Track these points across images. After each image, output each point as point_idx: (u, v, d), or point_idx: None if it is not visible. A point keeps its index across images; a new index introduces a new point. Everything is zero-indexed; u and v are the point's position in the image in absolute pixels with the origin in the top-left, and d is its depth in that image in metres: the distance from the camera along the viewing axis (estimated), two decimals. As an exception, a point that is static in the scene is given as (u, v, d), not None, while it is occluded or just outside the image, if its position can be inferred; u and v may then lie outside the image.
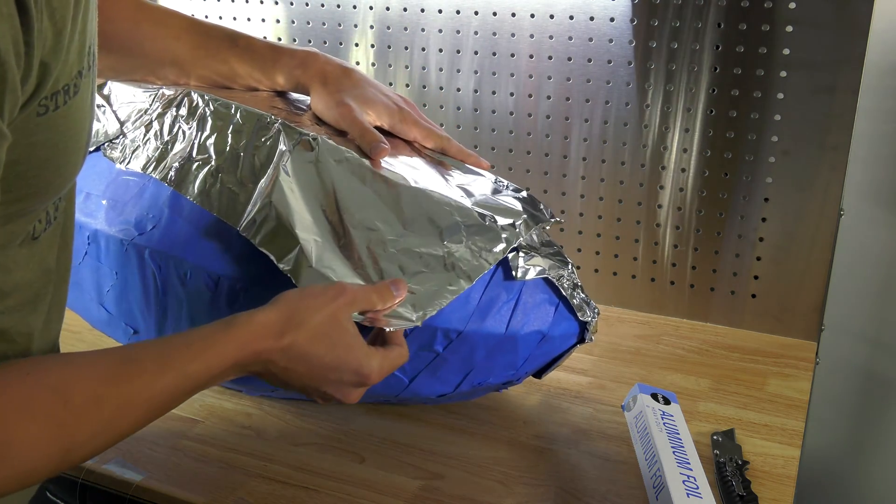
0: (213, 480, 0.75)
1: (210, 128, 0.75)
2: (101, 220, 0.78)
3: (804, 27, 0.92)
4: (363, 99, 0.77)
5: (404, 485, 0.75)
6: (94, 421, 0.51)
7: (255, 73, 0.80)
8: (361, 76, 0.79)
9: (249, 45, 0.80)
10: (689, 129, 1.01)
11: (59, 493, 0.80)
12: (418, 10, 1.09)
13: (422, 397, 0.77)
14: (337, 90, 0.77)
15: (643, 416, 0.75)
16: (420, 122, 0.80)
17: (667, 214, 1.05)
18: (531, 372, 0.80)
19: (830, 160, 0.96)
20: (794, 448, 0.81)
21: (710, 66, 0.98)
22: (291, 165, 0.70)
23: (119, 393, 0.52)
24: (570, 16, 1.02)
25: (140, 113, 0.80)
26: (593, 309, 0.78)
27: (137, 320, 0.78)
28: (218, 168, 0.72)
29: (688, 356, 0.99)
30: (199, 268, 0.71)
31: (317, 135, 0.71)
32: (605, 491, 0.74)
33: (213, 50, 0.80)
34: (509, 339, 0.73)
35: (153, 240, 0.74)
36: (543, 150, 1.09)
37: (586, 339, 0.79)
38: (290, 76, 0.79)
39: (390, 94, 0.80)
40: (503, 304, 0.72)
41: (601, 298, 1.12)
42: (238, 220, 0.69)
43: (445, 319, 0.69)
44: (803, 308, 1.02)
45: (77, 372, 0.52)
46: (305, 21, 1.17)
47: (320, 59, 0.79)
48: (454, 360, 0.73)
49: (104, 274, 0.79)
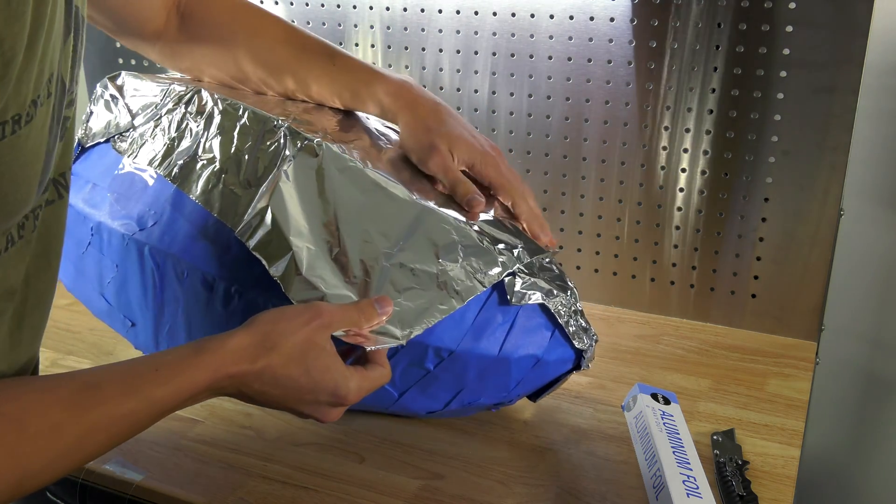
0: (213, 480, 0.75)
1: (217, 127, 0.74)
2: (104, 213, 0.78)
3: (804, 27, 0.92)
4: (450, 137, 0.74)
5: (404, 485, 0.75)
6: (51, 449, 0.50)
7: (348, 92, 0.79)
8: (451, 113, 0.77)
9: (346, 65, 0.79)
10: (689, 129, 1.01)
11: (59, 493, 0.80)
12: (418, 10, 1.09)
13: (411, 412, 0.76)
14: (427, 128, 0.74)
15: (643, 416, 0.75)
16: (500, 169, 0.76)
17: (667, 214, 1.05)
18: (524, 394, 0.79)
19: (830, 160, 0.96)
20: (794, 448, 0.81)
21: (710, 66, 0.98)
22: (293, 171, 0.69)
23: (79, 420, 0.52)
24: (570, 16, 1.02)
25: (151, 107, 0.80)
26: (591, 336, 0.77)
27: (135, 313, 0.78)
28: (221, 169, 0.72)
29: (688, 356, 0.99)
30: (196, 268, 0.71)
31: (322, 141, 0.70)
32: (605, 491, 0.74)
33: (309, 63, 0.79)
34: (502, 362, 0.72)
35: (153, 237, 0.74)
36: (543, 150, 1.09)
37: (582, 366, 0.78)
38: (379, 103, 0.78)
39: (478, 135, 0.78)
40: (497, 326, 0.71)
41: (601, 298, 1.12)
42: (236, 223, 0.69)
43: (438, 338, 0.69)
44: (803, 308, 1.02)
45: (35, 398, 0.51)
46: (305, 21, 1.17)
47: (414, 90, 0.77)
48: (445, 379, 0.72)
49: (106, 266, 0.79)
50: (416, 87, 0.78)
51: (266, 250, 0.67)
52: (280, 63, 0.80)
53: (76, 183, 0.82)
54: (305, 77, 0.79)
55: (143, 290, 0.76)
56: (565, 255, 1.12)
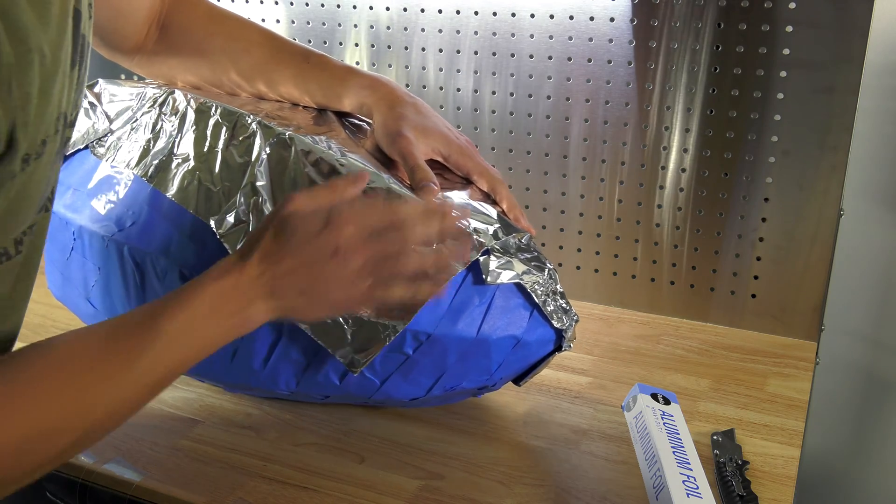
0: (213, 480, 0.75)
1: (190, 126, 0.76)
2: (85, 217, 0.80)
3: (804, 27, 0.92)
4: (422, 128, 0.75)
5: (404, 485, 0.75)
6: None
7: (322, 91, 0.79)
8: (426, 107, 0.77)
9: (321, 64, 0.80)
10: (689, 129, 1.01)
11: (59, 493, 0.80)
12: (418, 10, 1.09)
13: (395, 400, 0.76)
14: (398, 118, 0.75)
15: (643, 417, 0.75)
16: (477, 159, 0.77)
17: (667, 214, 1.05)
18: (508, 378, 0.79)
19: (830, 160, 0.96)
20: (794, 448, 0.81)
21: (710, 66, 0.98)
22: (266, 164, 0.71)
23: (104, 373, 0.54)
24: (570, 16, 1.02)
25: (127, 111, 0.82)
26: (572, 316, 0.77)
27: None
28: (196, 166, 0.73)
29: (688, 356, 0.99)
30: (174, 265, 0.72)
31: (294, 134, 0.71)
32: (605, 491, 0.74)
33: (283, 65, 0.80)
34: (481, 343, 0.72)
35: (132, 236, 0.75)
36: (543, 150, 1.09)
37: (563, 346, 0.77)
38: (355, 98, 0.78)
39: (453, 129, 0.78)
40: (475, 307, 0.71)
41: (601, 298, 1.12)
42: (212, 218, 0.70)
43: (415, 321, 0.69)
44: (803, 308, 1.02)
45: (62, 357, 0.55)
46: (305, 21, 1.17)
47: (389, 85, 0.78)
48: (425, 363, 0.72)
49: (89, 269, 0.80)
50: (392, 83, 0.78)
51: (238, 242, 0.69)
52: (254, 66, 0.81)
53: (58, 190, 0.84)
54: (278, 78, 0.80)
55: (125, 290, 0.77)
56: (565, 254, 1.12)
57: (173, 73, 0.85)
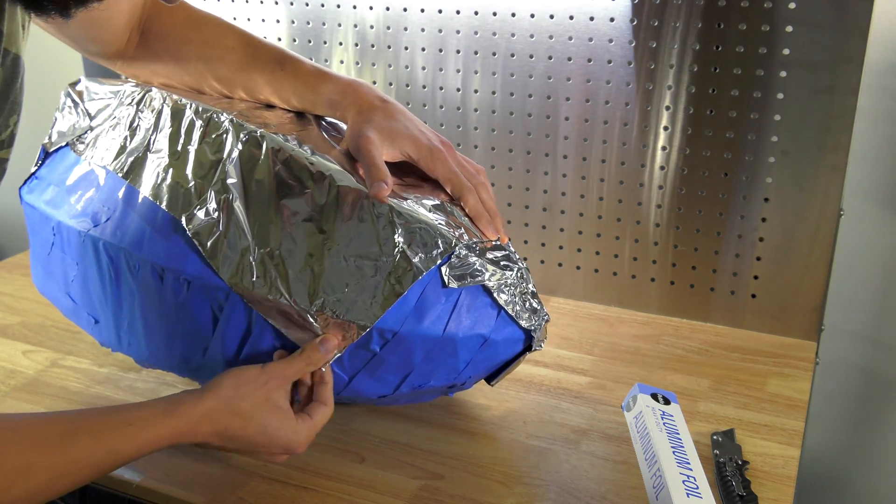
0: (213, 480, 0.75)
1: (165, 124, 0.77)
2: (63, 213, 0.81)
3: (804, 27, 0.92)
4: (389, 131, 0.74)
5: (404, 485, 0.75)
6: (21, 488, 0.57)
7: (297, 97, 0.80)
8: (398, 109, 0.77)
9: (295, 69, 0.80)
10: (689, 129, 1.01)
11: (59, 493, 0.80)
12: (418, 10, 1.09)
13: (363, 397, 0.76)
14: (365, 121, 0.74)
15: (643, 416, 0.75)
16: (447, 164, 0.75)
17: (667, 215, 1.05)
18: (478, 377, 0.79)
19: (830, 160, 0.96)
20: (794, 448, 0.81)
21: (710, 66, 0.98)
22: (238, 162, 0.72)
23: (51, 465, 0.58)
24: (570, 16, 1.02)
25: (106, 108, 0.84)
26: (542, 316, 0.76)
27: (97, 310, 0.81)
28: (169, 163, 0.75)
29: (688, 356, 0.99)
30: (146, 260, 0.73)
31: (265, 132, 0.72)
32: (605, 491, 0.74)
33: (257, 71, 0.81)
34: (448, 342, 0.72)
35: (106, 232, 0.76)
36: (543, 150, 1.09)
37: (534, 346, 0.77)
38: (328, 102, 0.78)
39: (426, 130, 0.77)
40: (441, 305, 0.71)
41: (601, 298, 1.12)
42: (182, 213, 0.72)
43: (382, 319, 0.69)
44: (803, 308, 1.02)
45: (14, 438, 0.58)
46: (305, 21, 1.17)
47: (362, 88, 0.77)
48: (392, 361, 0.72)
49: (68, 264, 0.82)
50: (366, 86, 0.78)
51: (203, 236, 0.70)
52: (230, 73, 0.82)
53: (39, 186, 0.85)
54: (254, 86, 0.81)
55: (101, 285, 0.78)
56: (565, 255, 1.12)
57: (156, 77, 0.86)
